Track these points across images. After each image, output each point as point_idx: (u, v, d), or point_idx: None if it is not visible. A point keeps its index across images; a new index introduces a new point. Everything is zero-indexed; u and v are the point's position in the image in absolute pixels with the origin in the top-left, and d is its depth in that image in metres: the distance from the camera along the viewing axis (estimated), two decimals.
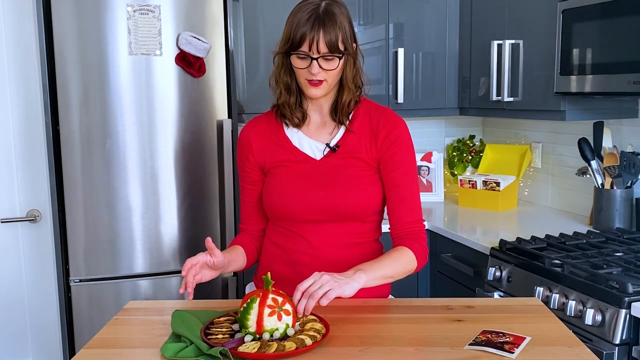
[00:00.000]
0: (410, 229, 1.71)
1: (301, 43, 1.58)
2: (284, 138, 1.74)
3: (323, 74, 1.61)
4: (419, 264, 1.69)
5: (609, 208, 2.50)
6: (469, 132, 3.55)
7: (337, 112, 1.71)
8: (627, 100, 2.50)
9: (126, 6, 2.45)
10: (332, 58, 1.60)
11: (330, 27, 1.57)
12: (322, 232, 1.70)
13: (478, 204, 3.10)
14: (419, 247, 1.69)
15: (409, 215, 1.71)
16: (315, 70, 1.60)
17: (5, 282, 2.65)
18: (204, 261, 1.61)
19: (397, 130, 1.71)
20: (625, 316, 1.77)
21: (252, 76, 2.88)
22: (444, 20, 3.11)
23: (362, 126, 1.72)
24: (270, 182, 1.74)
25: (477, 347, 1.35)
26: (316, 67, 1.59)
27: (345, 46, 1.61)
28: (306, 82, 1.64)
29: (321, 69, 1.60)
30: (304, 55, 1.60)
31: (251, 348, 1.32)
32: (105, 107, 2.48)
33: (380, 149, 1.70)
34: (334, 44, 1.58)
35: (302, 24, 1.57)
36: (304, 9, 1.60)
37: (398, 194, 1.71)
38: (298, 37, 1.58)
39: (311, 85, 1.63)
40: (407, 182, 1.71)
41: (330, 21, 1.58)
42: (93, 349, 1.40)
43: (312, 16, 1.57)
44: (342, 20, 1.61)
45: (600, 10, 2.17)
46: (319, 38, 1.57)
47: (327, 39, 1.57)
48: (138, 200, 2.55)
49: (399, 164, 1.70)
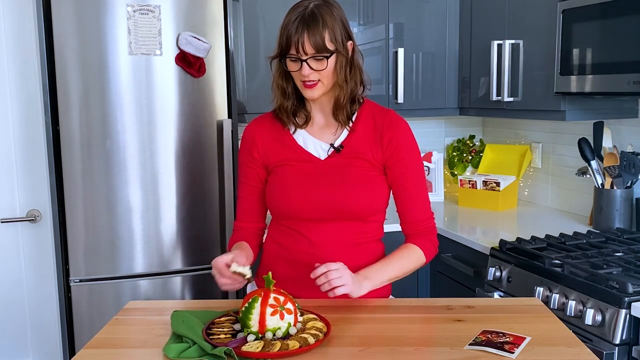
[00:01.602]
0: (422, 227, 1.77)
1: (289, 46, 1.61)
2: (288, 137, 1.75)
3: (316, 74, 1.63)
4: (427, 258, 1.77)
5: (609, 208, 2.50)
6: (469, 132, 3.56)
7: (336, 113, 1.72)
8: (627, 100, 2.50)
9: (126, 6, 2.45)
10: (321, 58, 1.62)
11: (314, 28, 1.59)
12: (325, 231, 1.70)
13: (478, 204, 3.10)
14: (428, 244, 1.77)
15: (419, 214, 1.77)
16: (306, 72, 1.62)
17: (5, 282, 2.65)
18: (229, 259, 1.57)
19: (401, 134, 1.73)
20: (625, 316, 1.77)
21: (252, 76, 2.88)
22: (444, 20, 3.11)
23: (366, 127, 1.73)
24: (274, 181, 1.75)
25: (477, 347, 1.35)
26: (306, 68, 1.61)
27: (335, 45, 1.63)
28: (302, 84, 1.67)
29: (312, 70, 1.62)
30: (294, 58, 1.62)
31: (255, 347, 1.32)
32: (105, 107, 2.48)
33: (385, 152, 1.72)
34: (320, 45, 1.60)
35: (289, 27, 1.61)
36: (292, 12, 1.64)
37: (408, 196, 1.76)
38: (285, 41, 1.62)
39: (306, 87, 1.66)
40: (415, 184, 1.76)
41: (315, 22, 1.60)
42: (93, 349, 1.41)
43: (297, 18, 1.61)
44: (330, 20, 1.62)
45: (600, 10, 2.17)
46: (304, 40, 1.59)
47: (312, 41, 1.59)
48: (138, 200, 2.55)
49: (406, 167, 1.73)
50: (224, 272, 1.53)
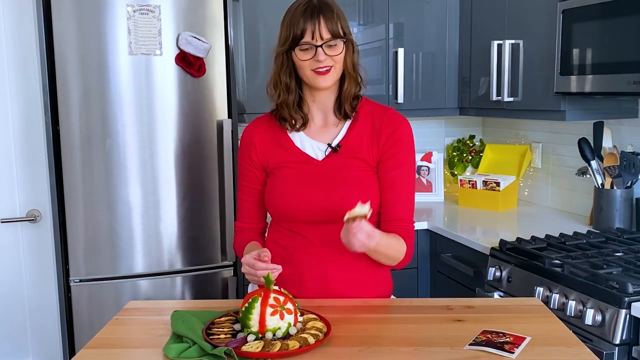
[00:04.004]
0: (402, 227, 1.71)
1: (303, 34, 1.62)
2: (286, 139, 1.75)
3: (330, 60, 1.64)
4: (403, 262, 1.71)
5: (609, 208, 2.50)
6: (469, 132, 3.56)
7: (342, 104, 1.72)
8: (627, 100, 2.50)
9: (126, 6, 2.45)
10: (335, 44, 1.64)
11: (328, 13, 1.63)
12: (324, 233, 1.70)
13: (478, 204, 3.10)
14: (408, 246, 1.71)
15: (402, 214, 1.72)
16: (322, 57, 1.62)
17: (5, 282, 2.65)
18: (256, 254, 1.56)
19: (401, 130, 1.72)
20: (625, 316, 1.77)
21: (252, 76, 2.88)
22: (444, 20, 3.11)
23: (365, 125, 1.73)
24: (272, 183, 1.75)
25: (477, 347, 1.35)
26: (322, 53, 1.62)
27: (344, 31, 1.66)
28: (313, 74, 1.66)
29: (327, 56, 1.63)
30: (307, 46, 1.63)
31: (255, 347, 1.32)
32: (105, 107, 2.48)
33: (382, 147, 1.71)
34: (336, 29, 1.63)
35: (300, 16, 1.62)
36: (297, 5, 1.66)
37: (394, 193, 1.71)
38: (299, 30, 1.62)
39: (319, 74, 1.65)
40: (405, 183, 1.72)
41: (327, 8, 1.64)
42: (93, 349, 1.41)
43: (307, 7, 1.63)
44: (337, 8, 1.67)
45: (600, 10, 2.17)
46: (320, 25, 1.61)
47: (328, 25, 1.62)
48: (138, 200, 2.55)
49: (399, 163, 1.71)
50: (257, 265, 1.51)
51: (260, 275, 1.50)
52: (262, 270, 1.49)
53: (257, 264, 1.51)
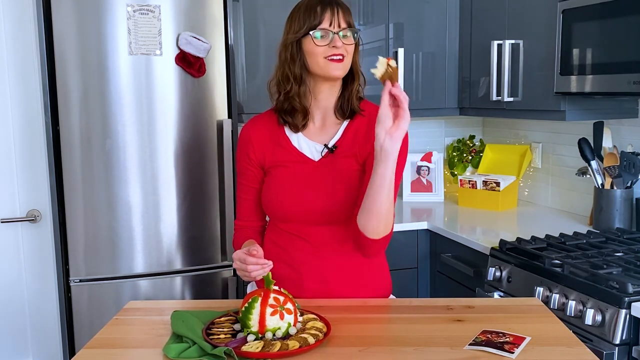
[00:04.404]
0: None
1: (321, 21, 1.64)
2: (283, 138, 1.75)
3: (344, 49, 1.65)
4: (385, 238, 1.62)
5: (609, 208, 2.50)
6: (469, 132, 3.56)
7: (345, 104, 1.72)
8: (627, 100, 2.50)
9: (126, 6, 2.45)
10: (349, 34, 1.67)
11: (344, 6, 1.68)
12: (321, 233, 1.69)
13: (478, 204, 3.10)
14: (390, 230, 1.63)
15: None
16: (339, 43, 1.64)
17: (5, 282, 2.65)
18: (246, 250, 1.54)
19: None
20: (625, 316, 1.77)
21: (252, 76, 2.88)
22: (443, 21, 3.11)
23: (361, 125, 1.73)
24: (268, 183, 1.74)
25: (477, 347, 1.35)
26: (339, 40, 1.64)
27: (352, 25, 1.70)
28: (326, 62, 1.65)
29: (342, 43, 1.65)
30: (324, 33, 1.64)
31: (255, 347, 1.32)
32: (105, 107, 2.48)
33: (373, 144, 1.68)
34: (351, 21, 1.68)
35: (317, 4, 1.65)
36: None
37: None
38: (317, 17, 1.64)
39: (333, 61, 1.65)
40: None
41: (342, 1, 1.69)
42: (93, 349, 1.41)
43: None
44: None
45: (600, 10, 2.17)
46: (339, 14, 1.65)
47: (345, 16, 1.66)
48: (138, 200, 2.55)
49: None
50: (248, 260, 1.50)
51: (250, 270, 1.49)
52: (253, 265, 1.49)
53: (248, 258, 1.50)
